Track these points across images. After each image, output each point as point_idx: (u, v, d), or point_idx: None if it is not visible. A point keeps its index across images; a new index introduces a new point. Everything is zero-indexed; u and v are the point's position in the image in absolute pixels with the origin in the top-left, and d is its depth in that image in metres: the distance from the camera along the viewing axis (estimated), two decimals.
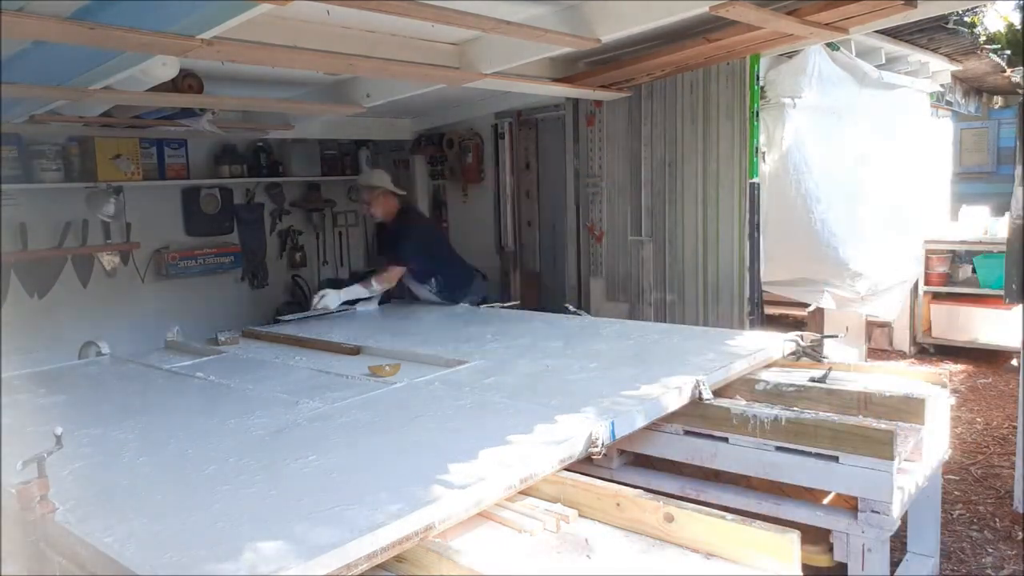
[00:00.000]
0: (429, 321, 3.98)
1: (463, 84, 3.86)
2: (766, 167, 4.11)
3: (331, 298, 4.23)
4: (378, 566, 1.49)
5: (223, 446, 2.04)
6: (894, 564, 2.69)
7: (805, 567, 1.64)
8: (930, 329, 6.49)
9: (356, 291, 4.36)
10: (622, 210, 4.65)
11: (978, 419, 4.88)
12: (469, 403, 2.35)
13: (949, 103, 6.51)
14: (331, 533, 1.46)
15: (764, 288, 4.20)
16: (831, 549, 2.21)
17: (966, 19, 4.79)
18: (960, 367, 6.04)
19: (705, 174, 4.16)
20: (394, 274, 4.43)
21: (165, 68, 3.04)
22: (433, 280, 4.59)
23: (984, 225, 6.42)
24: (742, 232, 4.01)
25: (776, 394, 2.63)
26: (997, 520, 3.51)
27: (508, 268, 5.93)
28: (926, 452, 2.45)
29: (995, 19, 5.10)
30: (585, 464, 2.20)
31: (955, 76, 5.99)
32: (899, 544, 2.88)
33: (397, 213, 4.63)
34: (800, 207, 4.16)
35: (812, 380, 2.72)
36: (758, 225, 4.02)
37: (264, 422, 2.23)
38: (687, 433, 2.44)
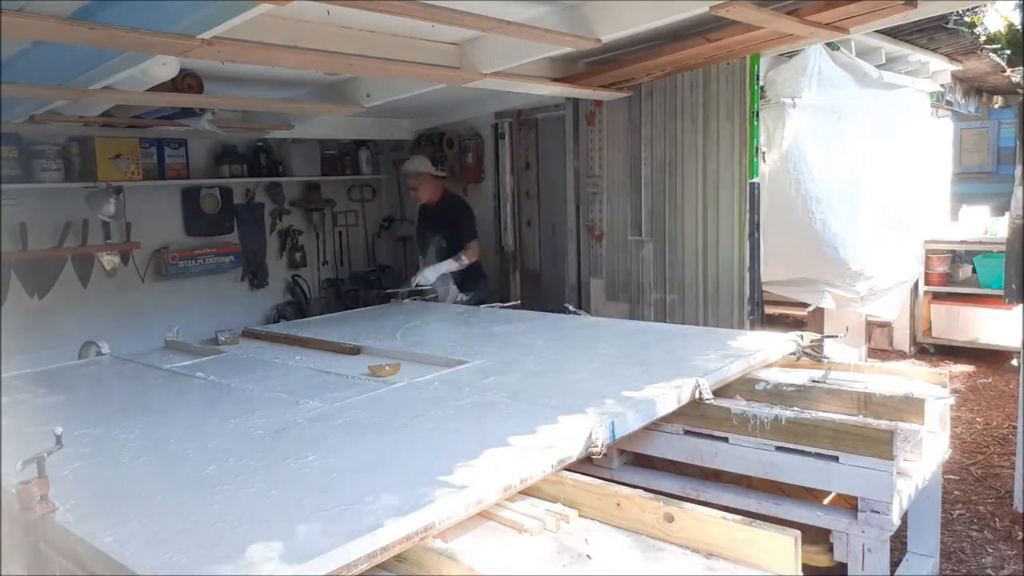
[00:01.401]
0: (429, 321, 3.98)
1: (463, 84, 3.86)
2: (766, 167, 4.11)
3: (428, 273, 4.64)
4: (378, 566, 1.48)
5: (223, 446, 2.04)
6: (894, 564, 2.69)
7: (805, 567, 1.64)
8: (930, 329, 6.49)
9: (447, 266, 4.72)
10: (622, 210, 4.66)
11: (978, 419, 4.87)
12: (469, 403, 2.35)
13: (949, 103, 6.51)
14: (331, 533, 1.46)
15: (764, 288, 4.20)
16: (831, 549, 2.21)
17: (966, 19, 4.79)
18: (960, 367, 6.04)
19: (705, 174, 4.16)
20: (474, 249, 4.83)
21: (165, 68, 3.04)
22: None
23: (984, 225, 6.42)
24: (742, 232, 4.02)
25: (776, 394, 2.63)
26: (997, 520, 3.51)
27: (508, 268, 5.93)
28: (926, 452, 2.45)
29: (995, 19, 5.10)
30: (585, 464, 2.20)
31: (955, 76, 5.99)
32: (899, 544, 2.88)
33: (443, 195, 5.04)
34: (800, 207, 4.16)
35: (812, 380, 2.72)
36: (758, 225, 4.02)
37: (264, 422, 2.23)
38: (687, 433, 2.43)
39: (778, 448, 2.25)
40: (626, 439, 2.24)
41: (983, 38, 5.07)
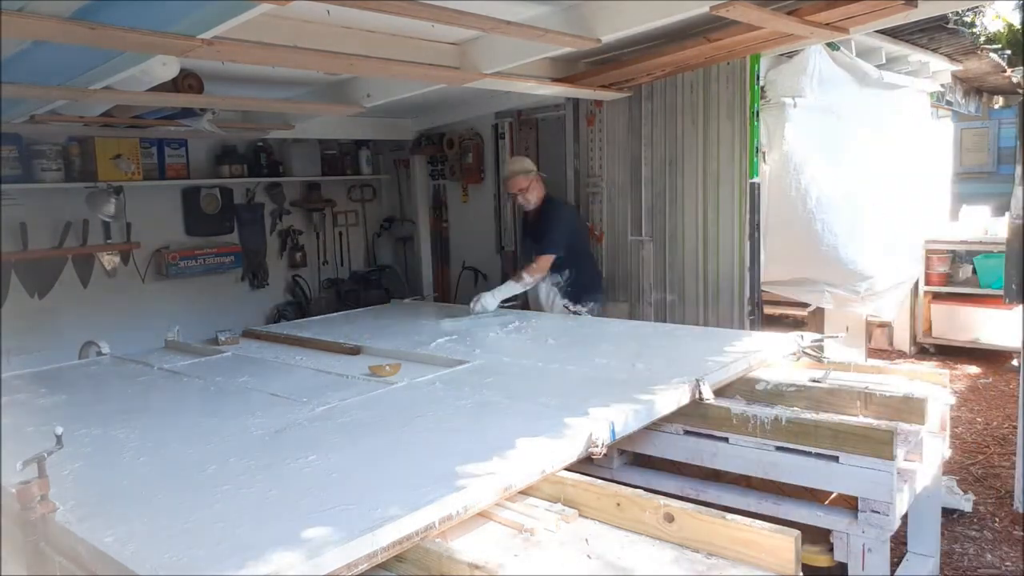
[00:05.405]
0: (429, 321, 3.98)
1: (463, 84, 3.86)
2: (766, 167, 4.11)
3: (487, 300, 4.06)
4: (378, 566, 1.49)
5: (223, 446, 2.04)
6: (894, 564, 2.69)
7: (805, 567, 1.64)
8: (930, 329, 6.49)
9: (510, 289, 4.20)
10: (622, 210, 4.65)
11: (978, 419, 4.88)
12: (469, 403, 2.35)
13: (949, 103, 6.50)
14: (331, 533, 1.46)
15: (764, 288, 4.20)
16: (831, 549, 2.21)
17: (966, 19, 4.79)
18: (960, 367, 6.04)
19: (705, 174, 4.16)
20: (545, 263, 4.23)
21: (165, 68, 3.03)
22: (566, 272, 4.33)
23: (984, 225, 6.42)
24: (742, 232, 4.02)
25: (776, 394, 2.63)
26: (997, 520, 3.51)
27: (508, 268, 5.93)
28: (926, 452, 2.45)
29: (995, 19, 5.10)
30: (585, 464, 2.20)
31: (955, 76, 5.98)
32: (899, 544, 2.88)
33: (543, 199, 4.44)
34: (800, 207, 4.16)
35: (812, 380, 2.72)
36: (758, 225, 4.02)
37: (264, 422, 2.23)
38: (687, 433, 2.44)
39: (778, 448, 2.26)
40: (626, 439, 2.24)
41: (983, 38, 5.07)
